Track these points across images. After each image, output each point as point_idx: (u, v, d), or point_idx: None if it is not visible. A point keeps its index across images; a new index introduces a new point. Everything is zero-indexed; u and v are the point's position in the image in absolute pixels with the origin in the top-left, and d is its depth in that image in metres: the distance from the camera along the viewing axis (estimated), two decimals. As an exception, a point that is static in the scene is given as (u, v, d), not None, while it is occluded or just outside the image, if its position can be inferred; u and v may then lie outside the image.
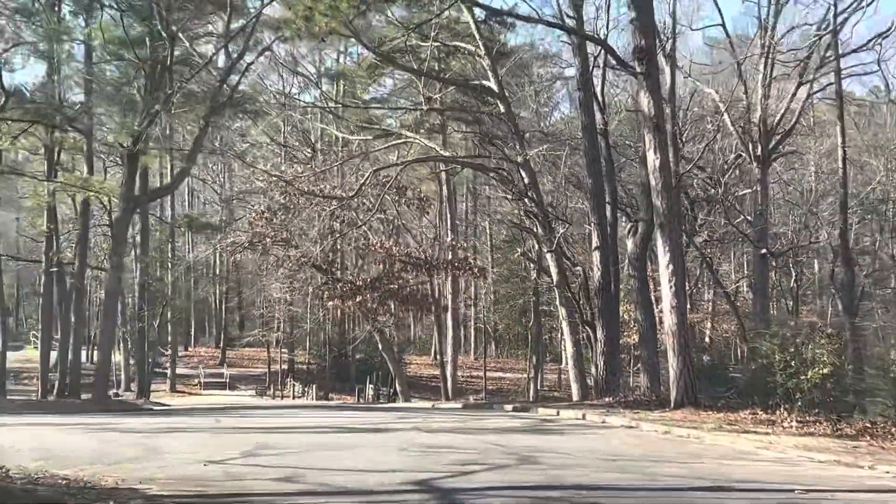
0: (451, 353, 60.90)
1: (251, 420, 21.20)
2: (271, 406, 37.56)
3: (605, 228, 34.93)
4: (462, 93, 47.50)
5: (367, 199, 43.03)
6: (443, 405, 37.06)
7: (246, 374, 76.47)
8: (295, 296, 57.15)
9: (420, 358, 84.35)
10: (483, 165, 40.60)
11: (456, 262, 46.73)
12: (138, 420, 21.33)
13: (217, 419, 20.63)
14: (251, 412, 26.39)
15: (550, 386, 74.52)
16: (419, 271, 46.43)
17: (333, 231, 44.37)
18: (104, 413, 25.57)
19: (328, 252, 47.36)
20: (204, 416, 24.00)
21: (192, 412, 28.95)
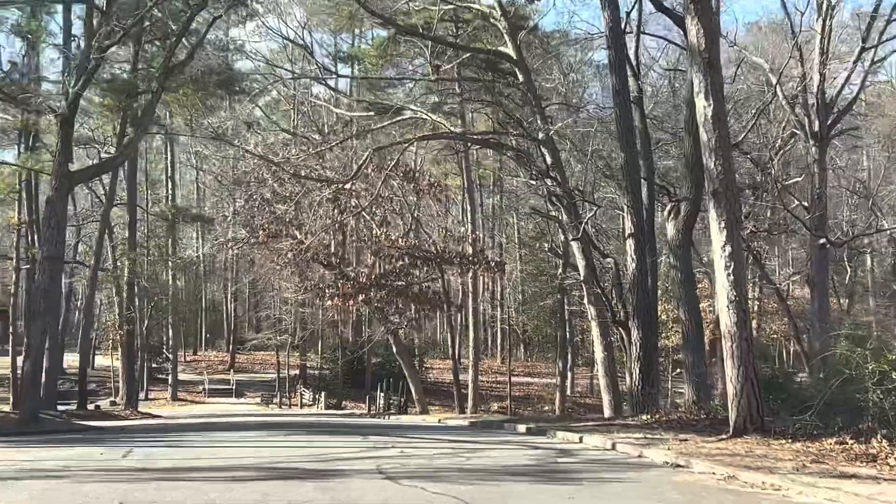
0: (473, 357, 55.75)
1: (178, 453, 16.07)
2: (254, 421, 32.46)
3: (641, 212, 29.36)
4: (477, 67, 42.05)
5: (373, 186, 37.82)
6: (452, 420, 31.81)
7: (255, 380, 71.69)
8: (306, 295, 52.13)
9: (444, 362, 79.27)
10: (499, 143, 35.23)
11: (469, 257, 41.39)
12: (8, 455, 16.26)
13: (127, 452, 15.54)
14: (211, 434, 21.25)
15: (582, 391, 69.51)
16: (429, 267, 41.18)
17: (335, 221, 39.14)
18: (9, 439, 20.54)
19: (334, 245, 42.28)
20: (128, 443, 18.95)
21: (128, 433, 23.91)
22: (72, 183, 24.51)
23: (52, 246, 23.74)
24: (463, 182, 58.92)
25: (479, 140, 36.15)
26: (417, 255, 40.46)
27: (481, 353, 69.30)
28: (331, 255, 42.34)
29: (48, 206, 23.81)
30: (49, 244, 23.72)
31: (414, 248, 40.22)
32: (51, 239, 23.75)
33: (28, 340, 24.58)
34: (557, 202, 32.65)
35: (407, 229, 42.30)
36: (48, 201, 24.02)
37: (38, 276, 24.04)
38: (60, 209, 24.05)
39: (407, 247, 39.74)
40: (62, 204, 24.21)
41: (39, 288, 23.75)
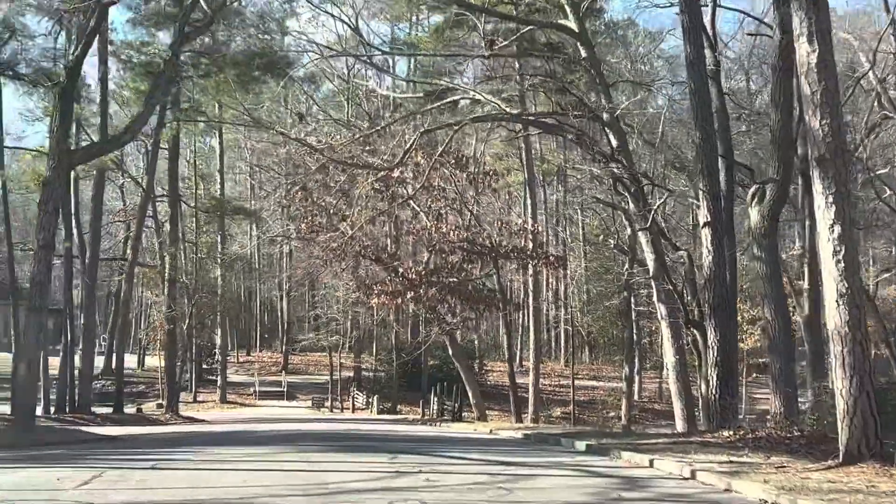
0: (534, 360, 52.51)
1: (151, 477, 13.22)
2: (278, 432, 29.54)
3: (718, 198, 25.82)
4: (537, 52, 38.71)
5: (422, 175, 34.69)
6: (505, 431, 28.52)
7: (308, 383, 69.01)
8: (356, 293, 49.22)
9: (505, 364, 75.81)
10: (559, 126, 31.83)
11: (527, 251, 38.06)
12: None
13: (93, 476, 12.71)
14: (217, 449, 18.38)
15: (650, 396, 65.97)
16: (484, 262, 37.96)
17: (380, 212, 36.07)
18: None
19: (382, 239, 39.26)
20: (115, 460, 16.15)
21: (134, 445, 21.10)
22: (72, 162, 21.78)
23: (47, 233, 21.01)
24: (524, 174, 55.56)
25: (536, 122, 32.75)
26: (471, 250, 37.25)
27: (543, 355, 66.02)
28: (379, 249, 39.28)
29: (45, 188, 21.10)
30: (45, 231, 21.00)
31: (467, 241, 36.96)
32: (47, 226, 21.02)
33: (22, 340, 21.74)
34: (624, 190, 29.35)
35: (460, 221, 39.00)
36: (44, 182, 21.33)
37: (34, 266, 21.30)
38: (58, 192, 21.31)
39: (460, 240, 36.53)
40: (60, 186, 21.45)
41: (34, 280, 21.01)
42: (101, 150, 25.44)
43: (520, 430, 28.33)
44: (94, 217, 42.14)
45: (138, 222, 45.82)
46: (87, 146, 29.10)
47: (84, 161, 25.98)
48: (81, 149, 25.03)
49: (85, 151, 24.51)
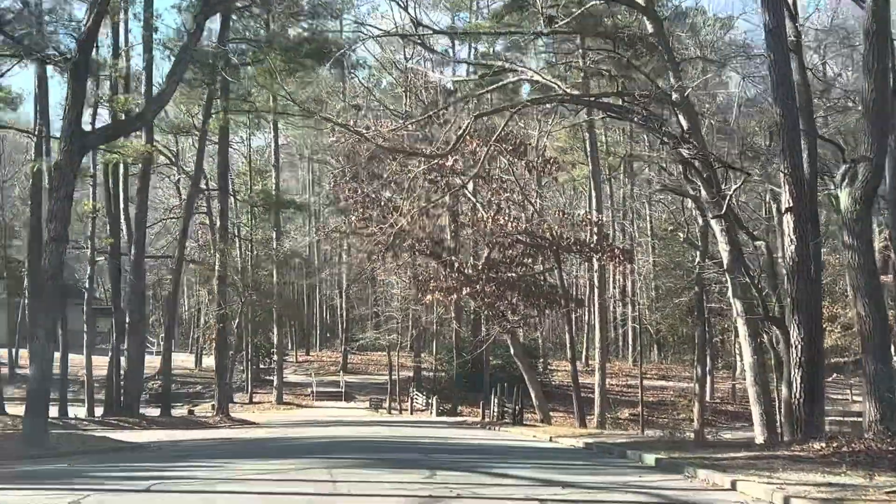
0: (600, 359, 49.99)
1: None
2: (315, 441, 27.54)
3: (801, 181, 23.26)
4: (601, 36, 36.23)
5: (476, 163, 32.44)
6: (566, 438, 26.13)
7: (367, 383, 67.08)
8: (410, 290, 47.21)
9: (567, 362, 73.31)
10: (623, 107, 29.41)
11: (590, 244, 35.65)
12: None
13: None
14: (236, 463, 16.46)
15: (723, 396, 63.07)
16: (544, 256, 35.61)
17: (432, 202, 33.91)
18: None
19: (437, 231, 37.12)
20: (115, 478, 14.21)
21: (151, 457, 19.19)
22: (85, 144, 19.85)
23: (59, 224, 19.12)
24: (588, 165, 53.06)
25: (600, 104, 30.34)
26: (531, 242, 34.96)
27: (609, 354, 63.50)
28: (434, 243, 37.12)
29: (56, 173, 19.26)
30: (57, 221, 19.11)
31: (526, 233, 34.65)
32: (59, 214, 19.13)
33: (33, 341, 19.88)
34: (695, 176, 26.87)
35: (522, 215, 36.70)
36: (56, 166, 19.47)
37: (44, 260, 19.46)
38: (70, 177, 19.39)
39: (518, 232, 34.24)
40: (73, 170, 19.53)
41: (46, 275, 19.17)
42: (117, 131, 23.52)
43: (582, 437, 25.94)
44: (139, 211, 40.53)
45: (184, 217, 44.19)
46: (102, 127, 27.31)
47: (99, 144, 24.11)
48: (97, 130, 23.11)
49: (101, 133, 22.60)
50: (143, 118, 23.75)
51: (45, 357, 19.21)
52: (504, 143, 33.14)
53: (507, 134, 33.65)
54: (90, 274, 41.61)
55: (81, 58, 19.56)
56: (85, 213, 40.64)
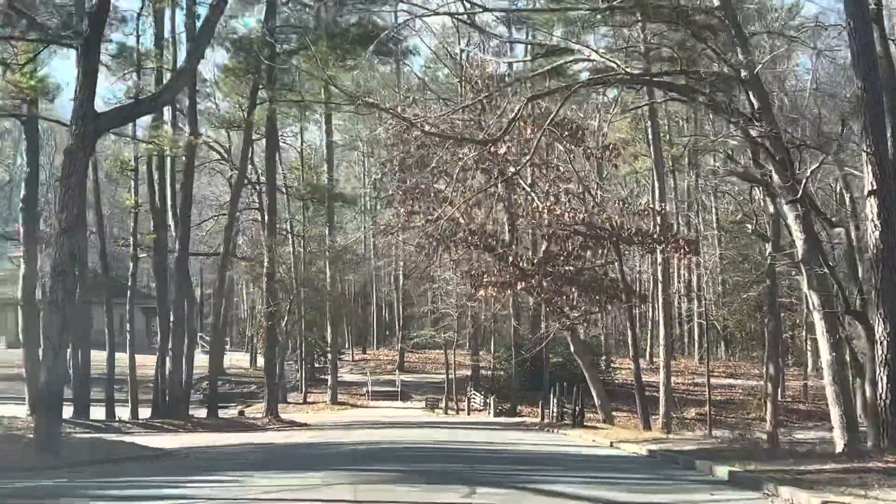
0: (664, 357, 47.80)
1: None
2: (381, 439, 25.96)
3: (885, 161, 21.07)
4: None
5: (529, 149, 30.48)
6: (628, 444, 24.09)
7: (424, 382, 65.36)
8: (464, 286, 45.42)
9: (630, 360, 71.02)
10: (687, 87, 27.31)
11: (653, 234, 33.54)
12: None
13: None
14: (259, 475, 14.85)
15: (794, 395, 60.47)
16: (604, 248, 33.61)
17: (481, 190, 32.12)
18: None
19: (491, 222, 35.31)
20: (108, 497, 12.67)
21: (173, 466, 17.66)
22: (98, 128, 18.25)
23: (70, 213, 17.55)
24: (650, 154, 50.82)
25: (661, 83, 28.24)
26: (589, 234, 32.96)
27: (675, 351, 61.20)
28: (487, 235, 35.24)
29: (66, 160, 17.67)
30: (68, 211, 17.55)
31: (584, 224, 32.61)
32: (70, 204, 17.56)
33: (44, 343, 18.37)
34: (766, 160, 24.77)
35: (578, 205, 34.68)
36: (66, 153, 17.89)
37: (55, 254, 17.94)
38: (82, 164, 17.83)
39: (575, 222, 32.23)
40: (86, 156, 17.96)
41: (56, 270, 17.64)
42: (134, 112, 21.84)
43: (645, 442, 23.93)
44: (183, 206, 39.19)
45: (230, 212, 42.80)
46: (117, 107, 25.59)
47: (113, 126, 22.46)
48: (110, 111, 21.49)
49: (115, 115, 20.86)
50: (161, 98, 22.06)
51: (57, 359, 17.67)
52: (560, 128, 31.21)
53: (564, 119, 31.74)
54: (132, 271, 40.39)
55: (92, 34, 17.99)
56: (127, 207, 39.23)
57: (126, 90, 38.61)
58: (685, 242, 35.09)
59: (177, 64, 38.03)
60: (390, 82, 66.29)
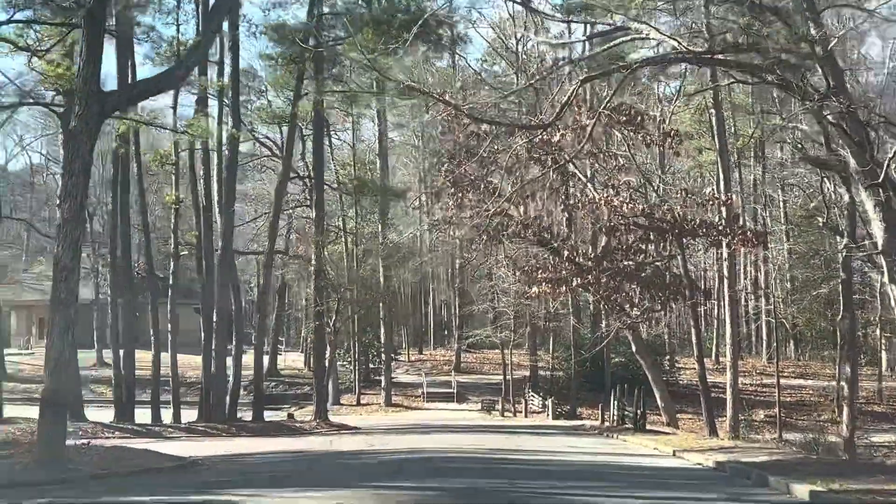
0: (731, 357, 45.09)
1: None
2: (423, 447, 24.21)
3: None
4: None
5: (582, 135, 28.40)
6: (692, 453, 21.99)
7: (481, 383, 63.41)
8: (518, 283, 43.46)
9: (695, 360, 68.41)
10: (755, 65, 25.16)
11: (718, 226, 31.28)
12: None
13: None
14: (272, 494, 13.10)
15: (867, 396, 57.70)
16: (665, 241, 31.44)
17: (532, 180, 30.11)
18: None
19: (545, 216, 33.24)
20: None
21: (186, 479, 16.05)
22: (104, 108, 16.58)
23: (73, 203, 15.99)
24: (714, 142, 48.26)
25: (726, 61, 26.05)
26: (649, 226, 30.81)
27: (741, 350, 58.67)
28: (541, 228, 33.20)
29: (69, 144, 16.12)
30: (71, 200, 16.01)
31: (644, 215, 30.46)
32: (73, 191, 15.99)
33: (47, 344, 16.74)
34: (841, 145, 22.58)
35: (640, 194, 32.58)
36: (69, 134, 16.31)
37: (57, 248, 16.36)
38: (86, 146, 16.20)
39: (634, 214, 30.11)
40: (90, 138, 16.33)
41: (58, 266, 16.07)
42: (146, 90, 19.94)
43: (712, 452, 21.82)
44: (226, 201, 37.60)
45: (274, 207, 41.14)
46: (128, 85, 24.01)
47: (122, 107, 20.63)
48: (118, 90, 19.81)
49: (124, 93, 19.19)
50: (173, 75, 20.25)
51: (61, 361, 16.13)
52: (618, 114, 29.16)
53: (622, 105, 29.70)
54: (173, 269, 38.91)
55: (97, 5, 16.41)
56: (167, 203, 37.75)
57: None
58: (753, 234, 32.71)
59: (224, 55, 36.81)
60: (446, 77, 64.45)
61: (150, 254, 42.77)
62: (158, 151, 36.03)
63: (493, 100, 28.51)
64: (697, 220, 30.84)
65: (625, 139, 31.01)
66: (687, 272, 32.46)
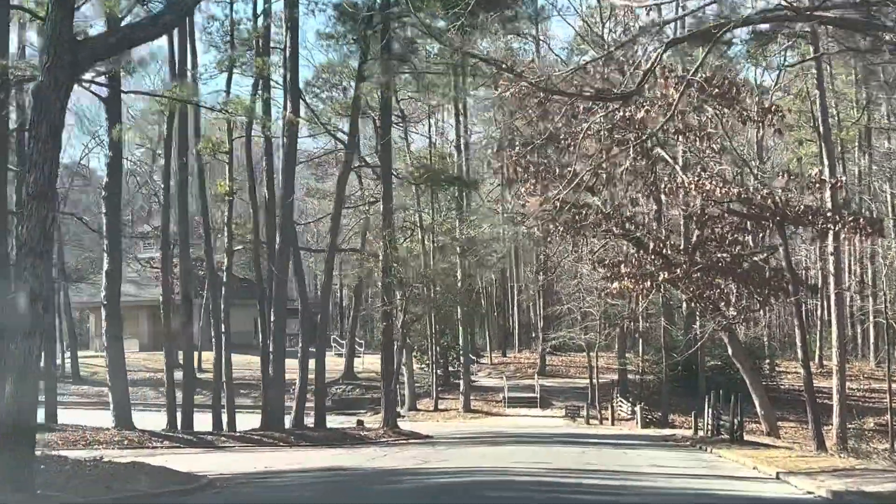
0: (838, 360, 41.39)
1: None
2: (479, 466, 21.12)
3: None
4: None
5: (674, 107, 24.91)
6: (797, 479, 18.31)
7: (566, 387, 59.89)
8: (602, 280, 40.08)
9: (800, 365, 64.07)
10: (869, 23, 21.51)
11: (825, 212, 27.52)
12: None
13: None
14: None
15: None
16: (764, 229, 27.83)
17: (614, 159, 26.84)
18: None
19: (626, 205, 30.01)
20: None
21: None
22: (77, 59, 13.52)
23: (40, 173, 13.10)
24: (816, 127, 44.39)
25: (833, 19, 22.44)
26: (746, 213, 27.26)
27: (847, 353, 54.41)
28: (624, 218, 29.82)
29: (34, 103, 13.29)
30: (37, 170, 13.10)
31: (740, 200, 26.81)
32: (39, 160, 13.10)
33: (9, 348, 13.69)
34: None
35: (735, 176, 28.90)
36: (34, 93, 13.44)
37: (24, 226, 13.38)
38: (56, 106, 13.30)
39: (728, 198, 26.49)
40: (60, 97, 13.42)
41: (25, 248, 13.19)
42: (124, 38, 16.61)
43: (824, 474, 18.23)
44: (283, 192, 34.91)
45: (336, 199, 38.16)
46: (105, 32, 20.92)
47: (99, 58, 17.27)
48: (93, 37, 16.70)
49: (100, 41, 15.90)
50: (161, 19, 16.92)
51: (25, 371, 13.29)
52: (709, 86, 25.70)
53: (714, 76, 26.22)
54: (227, 265, 36.19)
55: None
56: (220, 194, 34.94)
57: (218, 62, 34.72)
58: (867, 222, 28.82)
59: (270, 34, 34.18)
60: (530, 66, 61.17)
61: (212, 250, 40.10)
62: (210, 139, 33.35)
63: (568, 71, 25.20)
64: (802, 205, 27.16)
65: (718, 116, 27.40)
66: (791, 265, 28.70)
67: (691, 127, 27.72)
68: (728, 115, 27.44)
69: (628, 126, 26.53)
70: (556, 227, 30.81)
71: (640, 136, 26.58)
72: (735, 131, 28.89)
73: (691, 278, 28.95)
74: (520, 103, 28.91)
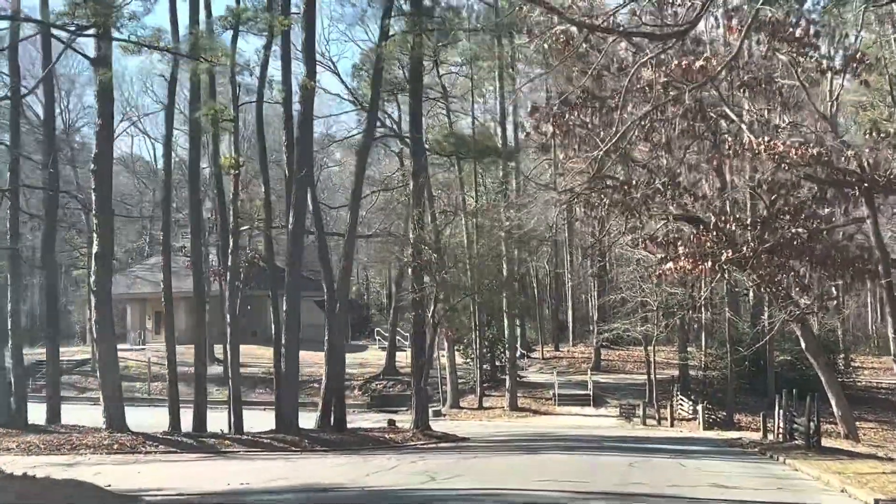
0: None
1: None
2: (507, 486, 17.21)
3: None
4: None
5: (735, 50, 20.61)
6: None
7: (622, 384, 55.46)
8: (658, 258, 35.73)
9: (878, 359, 59.47)
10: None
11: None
12: None
13: None
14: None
15: None
16: (847, 200, 23.33)
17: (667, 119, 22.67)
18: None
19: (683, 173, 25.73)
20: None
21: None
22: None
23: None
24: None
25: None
26: (827, 179, 22.87)
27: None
28: (680, 188, 25.53)
29: None
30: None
31: (819, 162, 22.37)
32: None
33: None
34: None
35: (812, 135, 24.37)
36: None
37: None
38: None
39: (805, 161, 22.08)
40: None
41: None
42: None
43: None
44: (298, 167, 30.95)
45: (356, 174, 34.25)
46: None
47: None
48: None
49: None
50: None
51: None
52: (780, 29, 21.44)
53: (786, 18, 21.91)
54: (232, 248, 32.40)
55: None
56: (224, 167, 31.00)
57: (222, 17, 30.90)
58: (973, 190, 24.32)
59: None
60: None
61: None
62: (212, 106, 29.39)
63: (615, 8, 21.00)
64: (894, 170, 22.67)
65: (792, 65, 23.03)
66: (881, 241, 24.11)
67: (759, 80, 23.36)
68: (804, 64, 23.07)
69: (685, 78, 22.23)
70: (601, 202, 26.61)
71: (699, 90, 22.34)
72: (812, 83, 24.36)
73: (760, 259, 24.63)
74: (562, 52, 24.75)
